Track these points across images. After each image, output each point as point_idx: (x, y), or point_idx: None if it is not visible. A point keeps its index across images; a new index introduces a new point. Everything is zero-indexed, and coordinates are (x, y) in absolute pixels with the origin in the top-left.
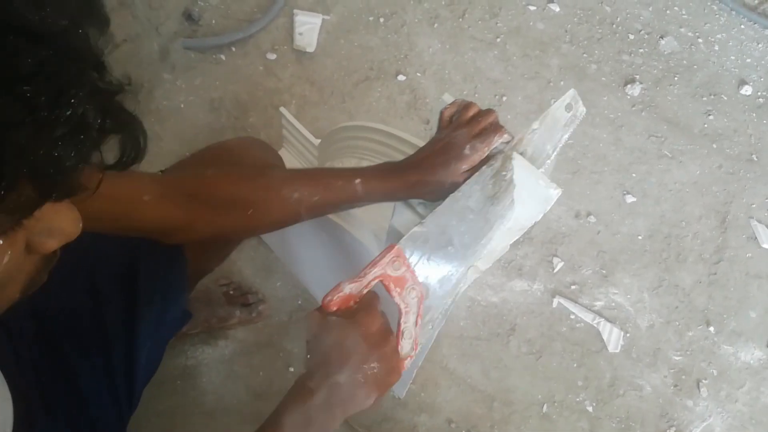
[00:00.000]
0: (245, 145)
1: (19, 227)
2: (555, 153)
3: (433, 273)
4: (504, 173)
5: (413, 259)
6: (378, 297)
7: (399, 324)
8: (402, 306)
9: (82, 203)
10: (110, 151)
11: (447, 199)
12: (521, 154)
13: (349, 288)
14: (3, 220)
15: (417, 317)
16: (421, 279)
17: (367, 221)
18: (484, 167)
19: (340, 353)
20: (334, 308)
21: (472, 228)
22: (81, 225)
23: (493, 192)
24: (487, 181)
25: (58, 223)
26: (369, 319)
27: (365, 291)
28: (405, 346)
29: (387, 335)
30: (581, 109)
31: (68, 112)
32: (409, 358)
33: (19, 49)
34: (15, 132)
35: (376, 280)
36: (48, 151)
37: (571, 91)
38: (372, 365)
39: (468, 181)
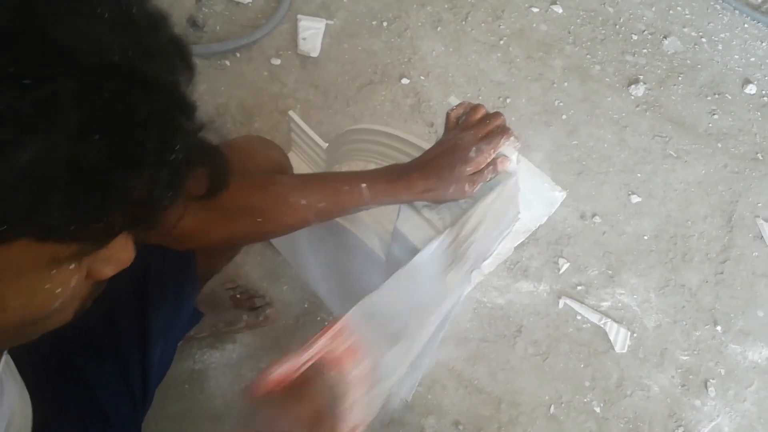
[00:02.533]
0: (253, 143)
1: (90, 255)
2: (509, 229)
3: (384, 344)
4: (465, 239)
5: (363, 331)
6: (315, 377)
7: (344, 401)
8: (348, 382)
9: None
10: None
11: (400, 270)
12: (474, 227)
13: (279, 371)
14: (85, 248)
15: (365, 392)
16: (370, 351)
17: (373, 224)
18: (440, 237)
19: None
20: (264, 390)
21: (427, 297)
22: (134, 253)
23: (450, 261)
24: (443, 251)
25: (116, 252)
26: (308, 397)
27: (301, 370)
28: (351, 422)
29: (330, 413)
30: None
31: (172, 157)
32: (360, 427)
33: (136, 98)
34: (125, 172)
35: (316, 358)
36: (150, 191)
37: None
38: None
39: (421, 251)
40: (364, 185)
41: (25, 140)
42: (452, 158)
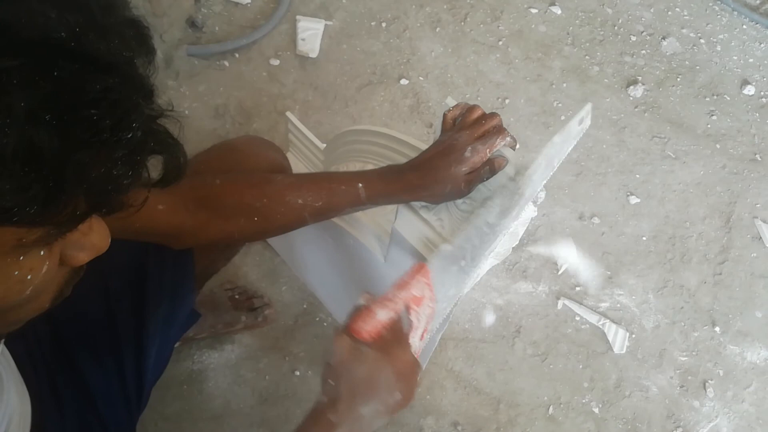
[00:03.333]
0: (252, 144)
1: (60, 240)
2: (558, 164)
3: (445, 287)
4: (521, 188)
5: (432, 276)
6: (403, 322)
7: (420, 337)
8: (414, 322)
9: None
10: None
11: (473, 216)
12: (535, 169)
13: (381, 314)
14: (51, 232)
15: (423, 332)
16: (436, 294)
17: (371, 224)
18: (505, 182)
19: (369, 388)
20: (365, 336)
21: (484, 242)
22: (109, 240)
23: (508, 206)
24: (506, 196)
25: (90, 238)
26: (401, 352)
27: (395, 316)
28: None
29: (415, 367)
30: (588, 123)
31: (129, 135)
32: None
33: (88, 76)
34: (79, 152)
35: (405, 303)
36: (108, 170)
37: (588, 106)
38: (396, 396)
39: (491, 197)
40: (360, 185)
41: None
42: (448, 158)
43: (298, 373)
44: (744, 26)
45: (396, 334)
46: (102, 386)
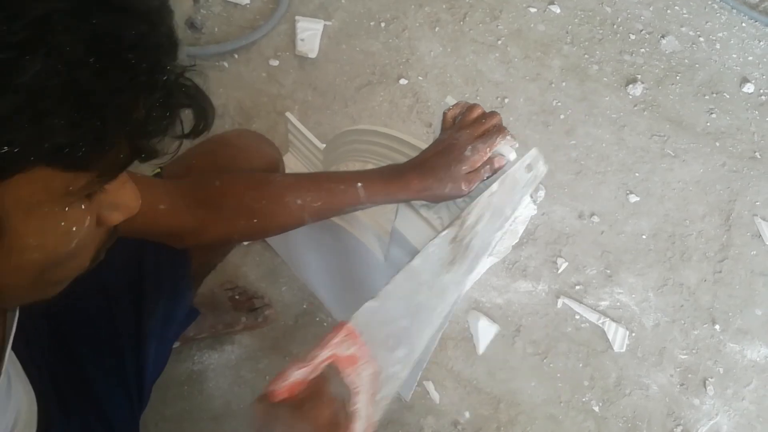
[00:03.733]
0: (244, 138)
1: (98, 197)
2: (513, 216)
3: (387, 346)
4: (465, 235)
5: (366, 336)
6: (327, 381)
7: (351, 406)
8: (354, 387)
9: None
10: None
11: (400, 273)
12: (476, 220)
13: (296, 374)
14: (95, 180)
15: (370, 396)
16: (374, 354)
17: (370, 224)
18: (441, 234)
19: None
20: (280, 397)
21: (428, 298)
22: (140, 201)
23: (451, 258)
24: (444, 249)
25: (123, 198)
26: (318, 409)
27: (313, 375)
28: (358, 427)
29: (337, 425)
30: (542, 169)
31: (164, 78)
32: (372, 428)
33: (124, 23)
34: (119, 95)
35: (326, 363)
36: (146, 113)
37: (533, 151)
38: None
39: (422, 251)
40: (359, 185)
41: (23, 62)
42: (448, 157)
43: None
44: (743, 24)
45: (313, 393)
46: (104, 385)
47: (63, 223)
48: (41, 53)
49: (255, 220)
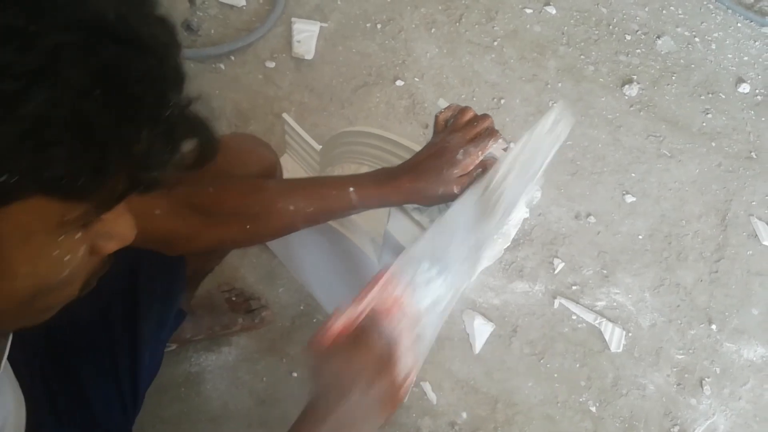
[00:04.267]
0: (240, 141)
1: (94, 226)
2: (544, 166)
3: (424, 293)
4: (494, 190)
5: (405, 280)
6: (374, 322)
7: (396, 346)
8: (398, 329)
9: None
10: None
11: (436, 221)
12: (505, 174)
13: (345, 316)
14: (90, 211)
15: (413, 338)
16: (412, 299)
17: (365, 226)
18: (475, 185)
19: (342, 383)
20: (331, 339)
21: (462, 246)
22: (135, 232)
23: (484, 209)
24: (477, 199)
25: (118, 229)
26: (368, 346)
27: (362, 317)
28: (404, 367)
29: (388, 358)
30: (571, 120)
31: (167, 113)
32: (409, 379)
33: (132, 57)
34: (123, 127)
35: (371, 306)
36: (149, 146)
37: (559, 105)
38: (377, 389)
39: (458, 199)
40: (352, 189)
41: (31, 91)
42: (440, 161)
43: (295, 374)
44: (738, 24)
45: (363, 331)
46: (97, 391)
47: (56, 252)
48: (48, 84)
49: (248, 226)
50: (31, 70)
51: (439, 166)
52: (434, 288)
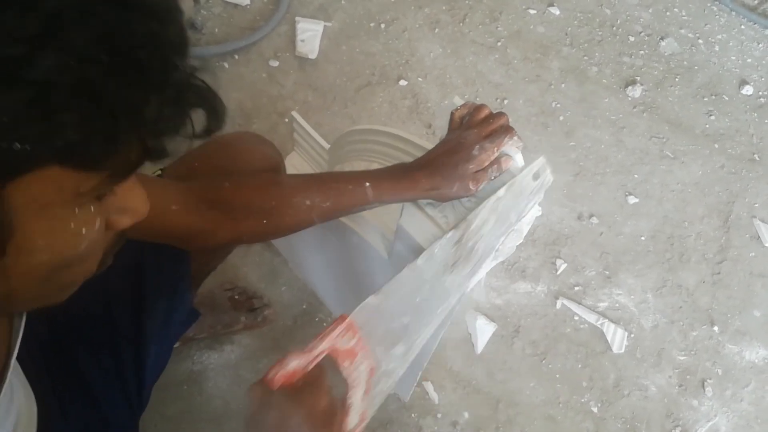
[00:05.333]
0: (243, 139)
1: (107, 199)
2: (518, 221)
3: (386, 343)
4: (464, 242)
5: (365, 331)
6: (324, 372)
7: (346, 399)
8: (350, 380)
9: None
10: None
11: (403, 270)
12: (482, 224)
13: (294, 363)
14: (105, 181)
15: (365, 391)
16: (372, 350)
17: (375, 222)
18: (446, 235)
19: None
20: (278, 384)
21: (429, 297)
22: (149, 205)
23: (454, 260)
24: (448, 250)
25: (132, 202)
26: (314, 398)
27: (312, 365)
28: (351, 421)
29: (333, 415)
30: (549, 178)
31: (175, 77)
32: (365, 422)
33: (135, 20)
34: (131, 93)
35: (324, 354)
36: (158, 112)
37: (540, 159)
38: None
39: (426, 251)
40: (368, 184)
41: (35, 57)
42: (456, 157)
43: None
44: (742, 26)
45: (310, 382)
46: (103, 387)
47: (72, 225)
48: (52, 48)
49: (264, 221)
50: (33, 35)
51: (455, 161)
52: (396, 337)
